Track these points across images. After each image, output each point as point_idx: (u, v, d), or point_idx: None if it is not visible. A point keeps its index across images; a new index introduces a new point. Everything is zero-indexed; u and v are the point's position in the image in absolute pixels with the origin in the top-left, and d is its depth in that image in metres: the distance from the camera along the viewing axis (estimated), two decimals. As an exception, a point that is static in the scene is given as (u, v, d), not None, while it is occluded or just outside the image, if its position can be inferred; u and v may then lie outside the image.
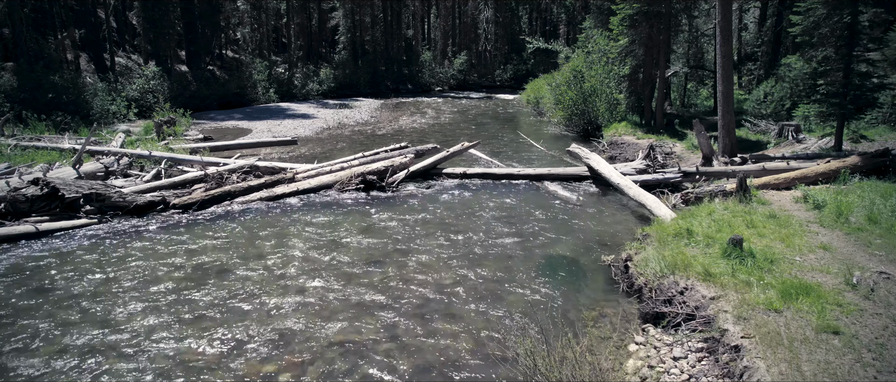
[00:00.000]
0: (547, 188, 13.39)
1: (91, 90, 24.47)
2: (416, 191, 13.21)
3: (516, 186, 13.76)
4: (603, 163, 13.23)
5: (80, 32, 31.70)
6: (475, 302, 7.34)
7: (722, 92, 13.47)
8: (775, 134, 17.52)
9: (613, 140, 18.77)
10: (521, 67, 54.29)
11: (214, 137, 22.02)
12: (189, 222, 10.82)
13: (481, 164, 16.13)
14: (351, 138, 21.91)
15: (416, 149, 15.23)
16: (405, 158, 14.33)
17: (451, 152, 14.91)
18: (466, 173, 14.33)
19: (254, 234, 10.12)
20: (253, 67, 36.22)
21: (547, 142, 20.51)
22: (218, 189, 12.06)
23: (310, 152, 18.72)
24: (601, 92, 21.17)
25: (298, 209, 11.76)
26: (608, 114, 21.30)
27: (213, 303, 7.37)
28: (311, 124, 25.61)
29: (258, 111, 30.72)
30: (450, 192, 13.15)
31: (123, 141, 17.11)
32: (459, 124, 26.46)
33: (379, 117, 28.91)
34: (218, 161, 14.71)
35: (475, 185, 13.84)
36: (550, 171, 14.18)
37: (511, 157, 17.66)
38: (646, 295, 6.87)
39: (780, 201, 9.83)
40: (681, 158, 15.23)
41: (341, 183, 13.07)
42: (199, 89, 32.27)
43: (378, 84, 44.85)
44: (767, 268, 6.56)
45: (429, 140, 20.81)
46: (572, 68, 21.62)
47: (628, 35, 18.52)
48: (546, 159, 17.27)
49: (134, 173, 14.12)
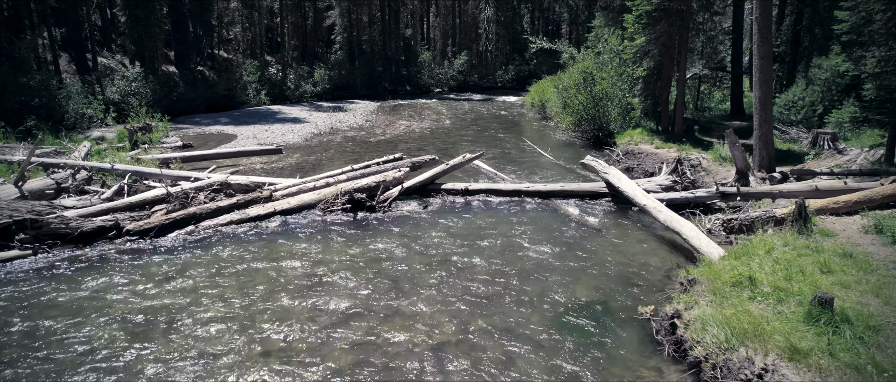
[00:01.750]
0: (560, 208, 11.76)
1: (65, 93, 22.82)
2: (410, 211, 11.57)
3: (525, 204, 12.13)
4: (624, 179, 11.59)
5: (61, 31, 30.03)
6: (479, 369, 5.71)
7: (759, 98, 11.83)
8: (809, 143, 15.88)
9: (629, 149, 17.13)
10: (523, 68, 52.66)
11: (195, 144, 20.39)
12: (143, 253, 9.18)
13: (485, 177, 14.49)
14: (342, 146, 20.27)
15: (411, 161, 13.59)
16: (399, 172, 12.69)
17: (451, 166, 13.28)
18: (469, 189, 12.69)
19: (218, 269, 8.48)
20: (243, 67, 34.52)
21: (555, 150, 18.88)
22: (181, 211, 10.42)
23: (296, 161, 17.08)
24: (613, 96, 19.53)
25: (274, 235, 10.12)
26: (621, 119, 19.67)
27: (154, 376, 5.73)
28: (301, 130, 23.96)
29: (247, 115, 29.07)
30: (449, 213, 11.52)
31: (89, 151, 15.46)
32: (460, 129, 24.83)
33: (374, 122, 27.26)
34: (189, 175, 13.07)
35: (479, 203, 12.21)
36: (564, 187, 12.54)
37: (517, 168, 16.03)
38: (707, 373, 5.23)
39: (847, 231, 8.20)
40: (708, 171, 13.59)
41: (325, 202, 11.43)
42: (185, 92, 30.60)
43: (375, 86, 43.17)
44: (874, 341, 4.92)
45: (427, 149, 19.18)
46: (582, 70, 19.98)
47: (645, 34, 16.88)
48: (556, 171, 15.64)
49: (93, 189, 12.48)
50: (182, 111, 29.17)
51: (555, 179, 14.58)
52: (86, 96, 23.81)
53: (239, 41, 41.04)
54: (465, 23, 58.38)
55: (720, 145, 14.83)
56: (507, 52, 55.47)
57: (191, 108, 29.86)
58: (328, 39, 48.66)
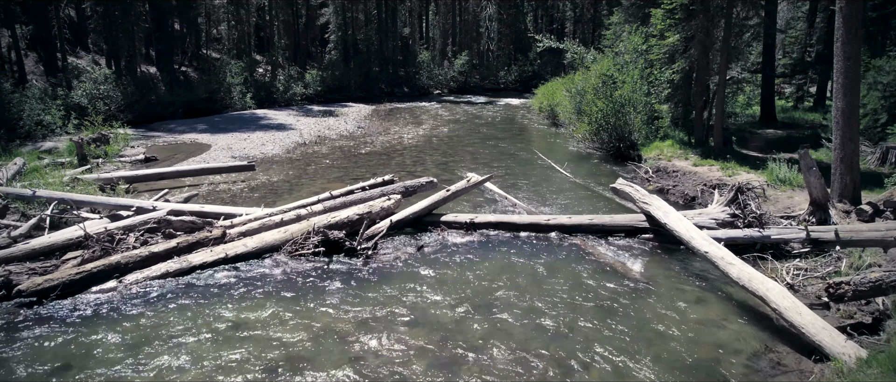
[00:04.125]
0: (590, 247, 9.31)
1: (18, 98, 20.36)
2: (401, 256, 9.10)
3: (546, 241, 9.68)
4: (672, 214, 9.14)
5: (27, 29, 27.50)
6: None
7: (842, 110, 9.36)
8: (877, 160, 13.46)
9: (660, 165, 14.67)
10: (526, 69, 50.23)
11: (161, 156, 17.94)
12: (36, 323, 6.72)
13: (495, 205, 12.04)
14: (328, 159, 17.81)
15: (403, 185, 11.11)
16: (388, 200, 10.24)
17: (453, 192, 10.81)
18: (474, 222, 10.22)
19: (136, 351, 6.03)
20: (227, 68, 32.01)
21: (571, 164, 16.44)
22: (100, 261, 7.95)
23: (270, 180, 14.62)
24: (637, 102, 17.08)
25: (221, 292, 7.67)
26: (645, 129, 17.22)
27: None
28: (284, 139, 21.48)
29: (228, 121, 26.58)
30: (451, 256, 9.06)
31: (21, 169, 13.01)
32: (462, 137, 22.37)
33: (367, 129, 24.78)
34: (131, 203, 10.59)
35: (487, 239, 9.76)
36: (593, 220, 10.08)
37: (528, 187, 13.57)
38: None
39: None
40: (766, 197, 11.13)
41: (293, 243, 8.97)
42: (162, 95, 28.11)
43: (371, 87, 40.66)
44: None
45: (423, 161, 16.72)
46: (601, 72, 17.51)
47: (679, 30, 14.41)
48: (575, 193, 13.18)
49: (7, 223, 10.03)
50: (158, 117, 26.72)
51: (576, 204, 12.12)
52: (43, 101, 21.34)
53: (225, 40, 38.56)
54: (465, 21, 55.91)
55: (775, 164, 12.37)
56: (510, 51, 53.04)
57: (168, 113, 27.39)
58: (323, 38, 46.18)
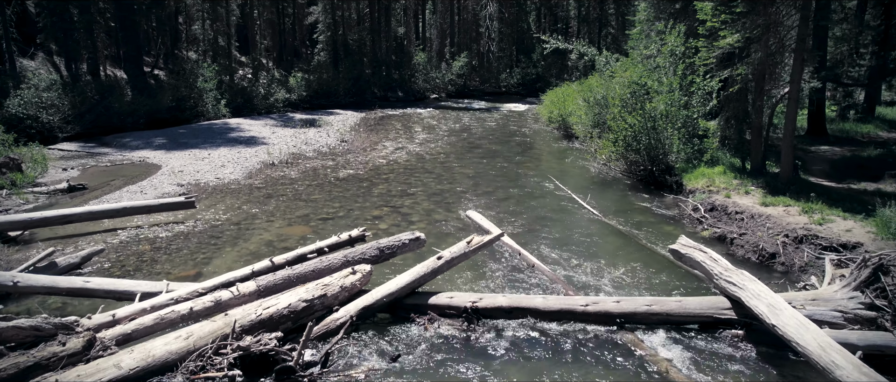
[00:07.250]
0: (648, 351, 6.12)
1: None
2: (363, 373, 5.87)
3: (585, 336, 6.48)
4: (784, 310, 5.93)
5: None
6: None
7: None
8: None
9: (715, 203, 11.44)
10: (530, 71, 47.06)
11: (99, 181, 14.73)
12: None
13: (502, 261, 8.80)
14: (297, 185, 14.57)
15: (378, 246, 7.86)
16: (353, 274, 7.02)
17: (447, 261, 7.56)
18: (477, 307, 6.99)
19: None
20: (199, 72, 28.74)
21: (594, 192, 13.28)
22: None
23: (214, 220, 11.39)
24: (676, 116, 13.88)
25: None
26: (686, 150, 14.01)
27: None
28: (251, 157, 18.23)
29: (193, 133, 23.30)
30: (440, 367, 5.84)
31: None
32: (460, 154, 19.15)
33: (351, 143, 21.53)
34: (-11, 273, 7.36)
35: (495, 338, 6.55)
36: (651, 306, 6.86)
37: (546, 231, 10.35)
38: None
39: None
40: (885, 261, 7.89)
41: (200, 357, 5.75)
42: (124, 103, 24.84)
43: (362, 92, 37.35)
44: None
45: (412, 191, 13.48)
46: (631, 80, 14.30)
47: (739, 28, 11.18)
48: (609, 241, 9.94)
49: None
50: (116, 128, 23.45)
51: (613, 260, 8.88)
52: (-32, 113, 18.14)
53: (201, 40, 35.29)
54: (464, 20, 52.68)
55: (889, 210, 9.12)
56: (512, 53, 49.84)
57: (128, 124, 24.10)
58: (311, 39, 42.94)
